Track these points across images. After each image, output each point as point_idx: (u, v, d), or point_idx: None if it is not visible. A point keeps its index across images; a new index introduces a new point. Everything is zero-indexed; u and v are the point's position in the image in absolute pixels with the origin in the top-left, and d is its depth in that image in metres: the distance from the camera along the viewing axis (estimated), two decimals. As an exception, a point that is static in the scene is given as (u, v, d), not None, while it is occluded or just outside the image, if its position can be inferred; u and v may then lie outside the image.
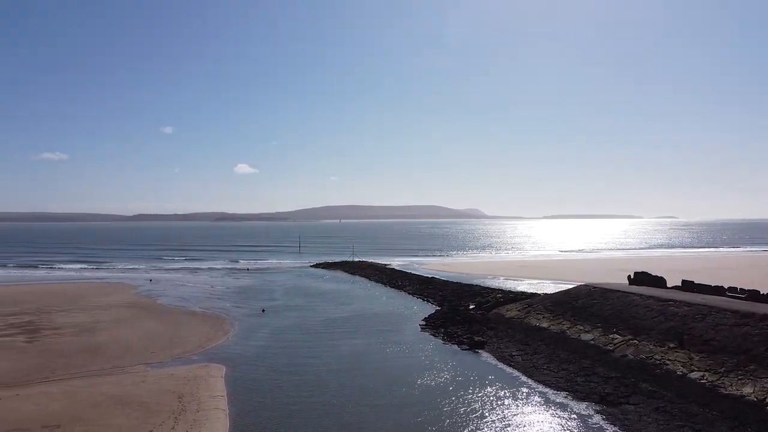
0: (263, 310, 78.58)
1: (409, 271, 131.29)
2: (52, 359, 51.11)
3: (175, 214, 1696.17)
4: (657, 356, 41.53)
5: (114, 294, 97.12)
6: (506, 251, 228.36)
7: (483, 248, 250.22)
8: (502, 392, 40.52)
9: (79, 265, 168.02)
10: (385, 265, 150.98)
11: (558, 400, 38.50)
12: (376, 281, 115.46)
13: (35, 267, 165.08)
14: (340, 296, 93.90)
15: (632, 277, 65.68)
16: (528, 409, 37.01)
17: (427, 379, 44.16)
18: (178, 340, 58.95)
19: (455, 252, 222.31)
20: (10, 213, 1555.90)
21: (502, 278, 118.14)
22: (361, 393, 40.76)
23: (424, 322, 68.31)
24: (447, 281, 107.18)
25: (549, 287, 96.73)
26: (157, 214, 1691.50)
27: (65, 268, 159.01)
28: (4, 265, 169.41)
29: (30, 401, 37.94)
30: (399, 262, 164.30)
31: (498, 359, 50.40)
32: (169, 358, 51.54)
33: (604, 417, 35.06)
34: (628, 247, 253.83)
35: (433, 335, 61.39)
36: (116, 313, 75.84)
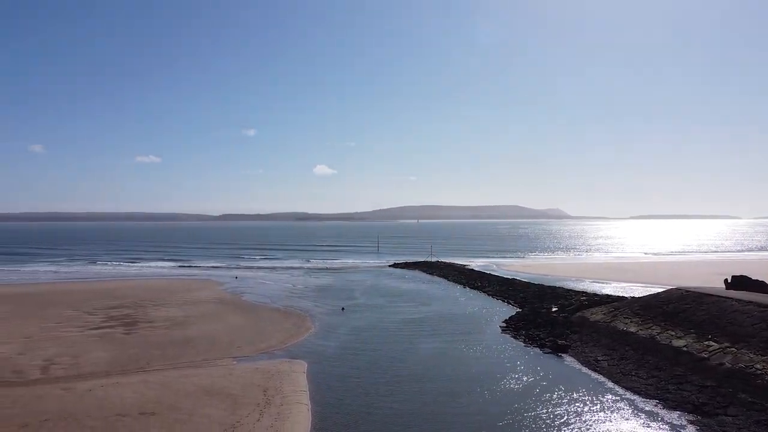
0: (343, 309, 79.87)
1: (488, 272, 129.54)
2: (148, 350, 54.22)
3: (258, 214, 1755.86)
4: (758, 365, 38.73)
5: (202, 290, 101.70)
6: (590, 252, 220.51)
7: (565, 249, 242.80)
8: (588, 398, 39.14)
9: (170, 263, 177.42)
10: (464, 265, 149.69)
11: (648, 408, 36.73)
12: (455, 282, 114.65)
13: (132, 263, 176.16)
14: (418, 296, 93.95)
15: (730, 281, 61.65)
16: (616, 416, 35.54)
17: (508, 382, 43.36)
18: (262, 336, 60.98)
19: (536, 253, 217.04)
20: (111, 213, 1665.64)
21: (586, 281, 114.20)
22: (440, 394, 40.58)
23: (504, 324, 67.15)
24: (528, 282, 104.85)
25: (636, 290, 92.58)
26: (241, 214, 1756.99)
27: (158, 266, 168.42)
28: (106, 262, 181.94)
29: (129, 389, 40.43)
30: (478, 263, 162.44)
31: (582, 364, 48.75)
32: (254, 353, 53.41)
33: (699, 428, 33.10)
34: (723, 249, 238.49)
35: (514, 337, 60.22)
36: (204, 309, 79.41)
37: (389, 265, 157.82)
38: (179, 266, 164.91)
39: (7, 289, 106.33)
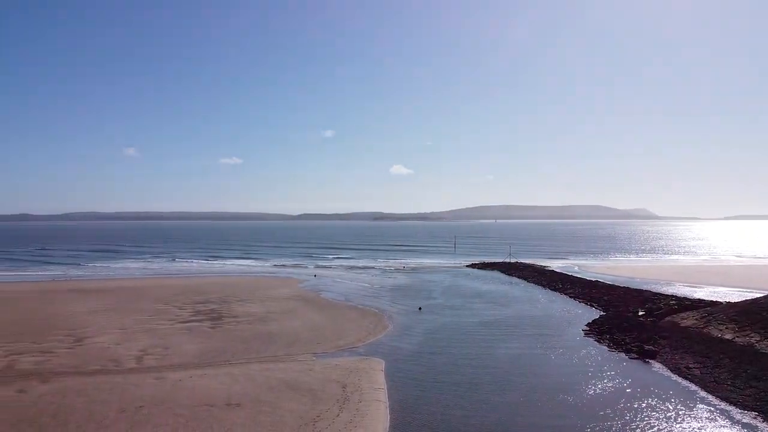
0: (420, 309, 79.80)
1: (570, 274, 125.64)
2: (233, 344, 56.35)
3: (336, 214, 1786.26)
4: None
5: (283, 288, 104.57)
6: (679, 255, 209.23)
7: (652, 251, 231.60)
8: (678, 407, 37.09)
9: (252, 261, 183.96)
10: (544, 267, 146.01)
11: (745, 421, 34.37)
12: (535, 283, 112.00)
13: (215, 260, 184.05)
14: (497, 297, 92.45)
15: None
16: (709, 427, 33.48)
17: (591, 388, 41.83)
18: (340, 333, 61.93)
19: (621, 255, 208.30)
20: (197, 212, 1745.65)
21: (676, 284, 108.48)
22: (519, 397, 39.70)
23: (587, 327, 64.90)
24: (612, 285, 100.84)
25: (731, 295, 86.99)
26: (319, 214, 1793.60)
27: (240, 263, 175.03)
28: (185, 259, 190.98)
29: (216, 380, 42.18)
30: (559, 264, 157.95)
31: (672, 371, 46.28)
32: (333, 349, 54.34)
33: (807, 445, 30.63)
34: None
35: (598, 341, 58.05)
36: (285, 305, 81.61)
37: (466, 266, 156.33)
38: (260, 264, 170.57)
39: (104, 283, 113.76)
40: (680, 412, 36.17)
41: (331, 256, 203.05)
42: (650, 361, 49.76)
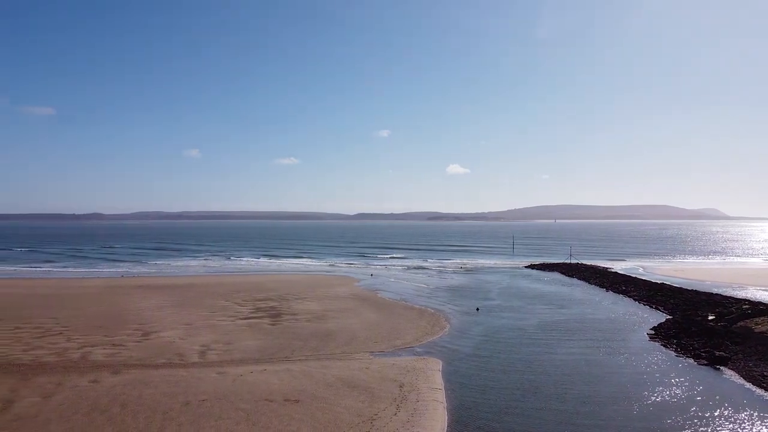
0: (478, 309, 78.94)
1: (634, 276, 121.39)
2: (291, 341, 57.32)
3: (392, 214, 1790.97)
4: None
5: (340, 286, 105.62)
6: (752, 257, 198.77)
7: (723, 253, 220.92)
8: (754, 418, 35.18)
9: (308, 260, 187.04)
10: (606, 268, 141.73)
11: (830, 435, 32.22)
12: (597, 285, 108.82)
13: (274, 259, 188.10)
14: (557, 299, 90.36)
15: None
16: (789, 441, 31.59)
17: (657, 394, 40.22)
18: (397, 332, 61.98)
19: (689, 256, 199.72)
20: (255, 212, 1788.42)
21: (749, 287, 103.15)
22: (579, 402, 38.62)
23: (653, 331, 62.52)
24: (680, 288, 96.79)
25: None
26: (375, 213, 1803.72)
27: (298, 262, 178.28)
28: (249, 257, 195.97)
29: (275, 376, 42.99)
30: (622, 266, 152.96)
31: (746, 379, 43.93)
32: (390, 348, 54.43)
33: None
34: None
35: (664, 346, 55.81)
36: (342, 304, 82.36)
37: (525, 266, 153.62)
38: (317, 263, 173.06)
39: (169, 280, 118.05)
40: (756, 423, 34.30)
41: (387, 256, 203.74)
42: (721, 367, 47.43)
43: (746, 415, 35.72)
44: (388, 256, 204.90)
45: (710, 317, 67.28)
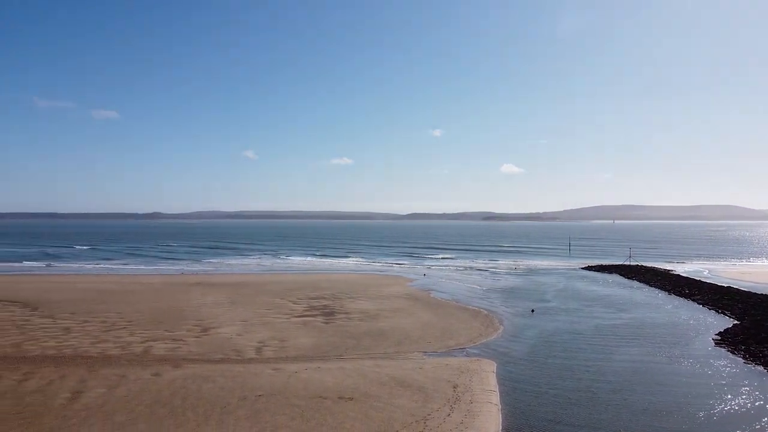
0: (533, 311, 77.54)
1: (698, 278, 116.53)
2: (345, 339, 57.78)
3: (445, 214, 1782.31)
4: None
5: (392, 286, 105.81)
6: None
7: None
8: (831, 431, 33.10)
9: (361, 259, 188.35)
10: (668, 270, 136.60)
11: None
12: (658, 288, 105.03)
13: (327, 258, 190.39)
14: (615, 301, 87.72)
15: None
16: None
17: (723, 404, 38.42)
18: (450, 333, 61.56)
19: (757, 259, 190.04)
20: (309, 212, 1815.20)
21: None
22: (640, 411, 37.26)
23: (718, 337, 59.81)
24: (749, 292, 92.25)
25: None
26: (428, 213, 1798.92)
27: (350, 261, 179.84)
28: (302, 256, 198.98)
29: (329, 374, 43.42)
30: (685, 268, 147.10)
31: (823, 390, 41.43)
32: (443, 349, 54.12)
33: None
34: None
35: (731, 352, 53.29)
36: (395, 303, 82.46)
37: (581, 268, 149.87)
38: (370, 262, 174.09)
39: (225, 278, 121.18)
40: (833, 436, 32.29)
41: (439, 256, 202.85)
42: (795, 377, 44.91)
43: (823, 428, 33.68)
44: (441, 256, 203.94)
45: (782, 323, 63.86)
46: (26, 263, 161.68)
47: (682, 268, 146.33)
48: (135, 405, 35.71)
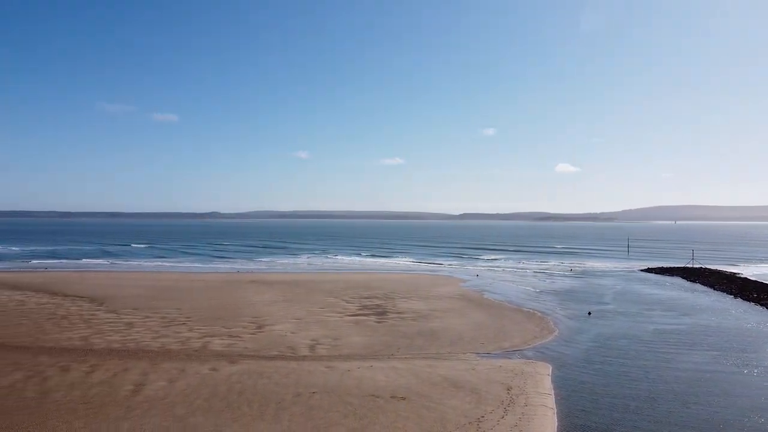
0: (589, 314, 75.59)
1: (767, 282, 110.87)
2: (397, 339, 57.83)
3: (497, 214, 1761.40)
4: None
5: (444, 286, 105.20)
6: None
7: None
8: None
9: (412, 259, 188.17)
10: (735, 273, 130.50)
11: None
12: (723, 291, 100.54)
13: (378, 258, 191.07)
14: (677, 305, 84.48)
15: None
16: None
17: (797, 414, 36.36)
18: (503, 334, 60.72)
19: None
20: (361, 212, 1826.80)
21: None
22: (702, 419, 35.73)
23: (790, 344, 56.76)
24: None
25: None
26: (481, 213, 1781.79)
27: (401, 261, 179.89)
28: (353, 255, 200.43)
29: (381, 373, 43.55)
30: (753, 272, 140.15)
31: None
32: (496, 350, 53.43)
33: None
34: None
35: (805, 361, 50.45)
36: (448, 304, 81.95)
37: (641, 270, 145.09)
38: (421, 262, 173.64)
39: (279, 276, 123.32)
40: None
41: (492, 257, 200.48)
42: None
43: None
44: (493, 257, 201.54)
45: None
46: (85, 260, 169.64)
47: (750, 271, 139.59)
48: (194, 398, 36.78)
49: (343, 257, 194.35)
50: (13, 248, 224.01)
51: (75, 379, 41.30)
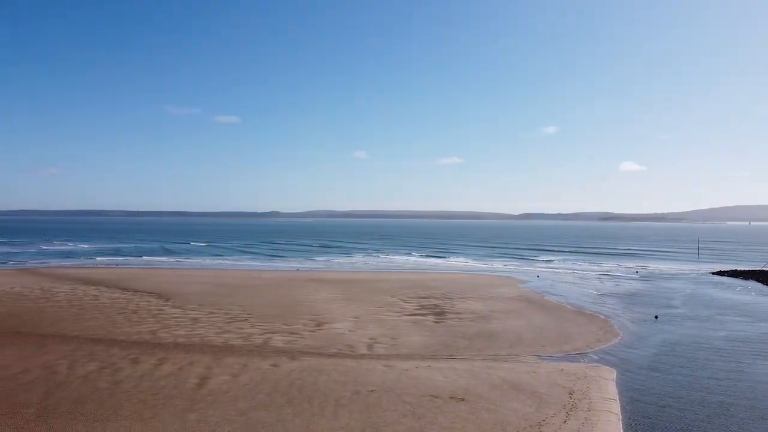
0: (656, 317, 72.78)
1: None
2: (456, 339, 57.38)
3: (560, 214, 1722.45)
4: None
5: (504, 287, 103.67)
6: None
7: None
8: None
9: (470, 259, 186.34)
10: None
11: None
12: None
13: (434, 258, 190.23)
14: (753, 310, 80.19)
15: None
16: None
17: None
18: (565, 337, 59.26)
19: None
20: (416, 211, 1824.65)
21: None
22: (787, 428, 33.72)
23: None
24: None
25: None
26: (541, 214, 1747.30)
27: (459, 261, 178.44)
28: (408, 255, 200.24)
29: (440, 373, 43.31)
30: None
31: None
32: (558, 353, 52.20)
33: None
34: None
35: None
36: (507, 305, 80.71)
37: (712, 273, 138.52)
38: (479, 262, 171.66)
39: (337, 275, 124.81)
40: None
41: (553, 258, 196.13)
42: None
43: None
44: (555, 258, 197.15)
45: None
46: (145, 257, 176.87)
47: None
48: (256, 393, 37.66)
49: (399, 257, 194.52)
50: (83, 246, 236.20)
51: (144, 371, 43.07)
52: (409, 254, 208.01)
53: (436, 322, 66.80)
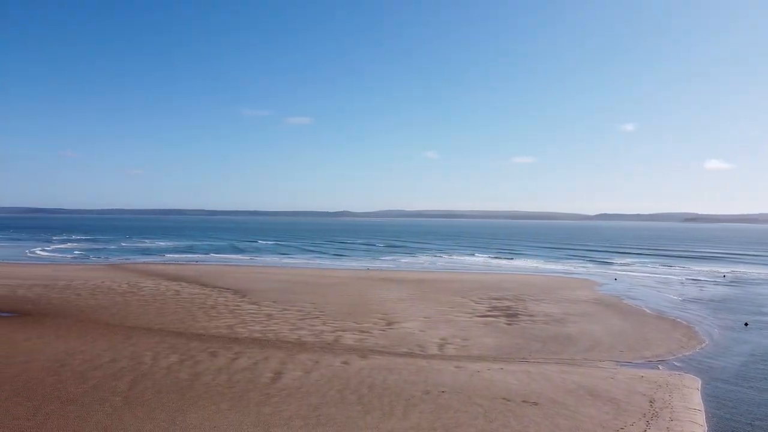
0: (746, 324, 68.46)
1: None
2: (529, 342, 56.11)
3: (639, 214, 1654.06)
4: None
5: (579, 289, 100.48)
6: None
7: None
8: None
9: (543, 260, 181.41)
10: None
11: None
12: None
13: (507, 258, 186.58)
14: None
15: None
16: None
17: None
18: (645, 343, 56.74)
19: None
20: (487, 211, 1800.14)
21: None
22: None
23: None
24: None
25: None
26: (619, 214, 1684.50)
27: (531, 262, 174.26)
28: (481, 255, 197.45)
29: (512, 376, 42.45)
30: None
31: None
32: (637, 359, 50.06)
33: None
34: None
35: None
36: (583, 308, 78.18)
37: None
38: (553, 263, 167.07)
39: (406, 275, 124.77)
40: None
41: (631, 260, 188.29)
42: None
43: None
44: (633, 260, 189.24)
45: None
46: (212, 255, 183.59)
47: None
48: (327, 390, 38.21)
49: (469, 257, 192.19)
50: (160, 243, 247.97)
51: (222, 364, 44.62)
52: (481, 255, 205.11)
53: (509, 324, 65.57)
